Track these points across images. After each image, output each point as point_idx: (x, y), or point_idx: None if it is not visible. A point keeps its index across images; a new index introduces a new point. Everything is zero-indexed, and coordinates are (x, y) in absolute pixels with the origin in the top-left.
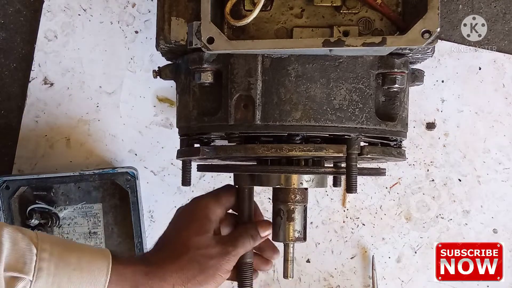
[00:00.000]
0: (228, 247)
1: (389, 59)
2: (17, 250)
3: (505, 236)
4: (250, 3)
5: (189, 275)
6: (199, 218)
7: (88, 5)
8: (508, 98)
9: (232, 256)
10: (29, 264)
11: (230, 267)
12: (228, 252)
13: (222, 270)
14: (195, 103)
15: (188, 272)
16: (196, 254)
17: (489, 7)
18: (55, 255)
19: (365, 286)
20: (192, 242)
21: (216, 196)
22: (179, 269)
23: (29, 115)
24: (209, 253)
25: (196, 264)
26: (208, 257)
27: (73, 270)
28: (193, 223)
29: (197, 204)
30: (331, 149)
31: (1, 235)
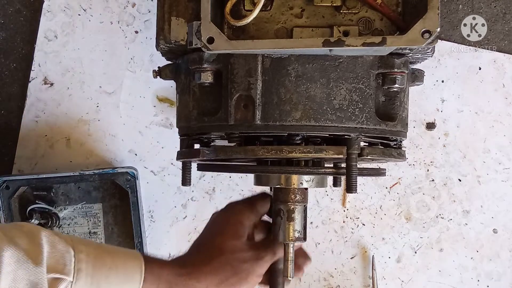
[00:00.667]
0: (261, 252)
1: (389, 59)
2: (56, 252)
3: (505, 236)
4: (250, 3)
5: (222, 277)
6: (233, 223)
7: (88, 5)
8: (508, 98)
9: (264, 261)
10: (69, 265)
11: (262, 271)
12: (261, 257)
13: (255, 274)
14: (195, 103)
15: (221, 274)
16: (230, 258)
17: (489, 7)
18: (91, 256)
19: (365, 286)
20: (227, 246)
21: (251, 203)
22: (213, 271)
23: (29, 115)
24: (242, 257)
25: (229, 267)
26: (241, 260)
27: (110, 270)
28: (228, 227)
29: (232, 209)
30: (331, 150)
31: (39, 238)
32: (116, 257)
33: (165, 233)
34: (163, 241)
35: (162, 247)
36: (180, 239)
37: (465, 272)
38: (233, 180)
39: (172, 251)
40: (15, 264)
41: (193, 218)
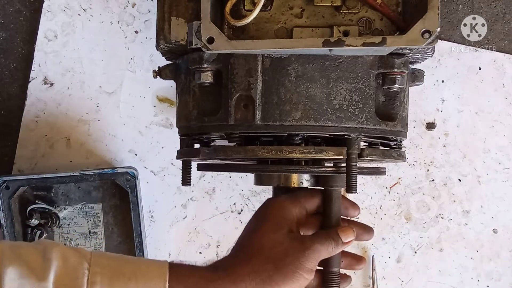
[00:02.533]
0: (306, 242)
1: (389, 59)
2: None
3: (505, 236)
4: (250, 3)
5: (264, 277)
6: (272, 217)
7: (88, 5)
8: (508, 98)
9: (311, 251)
10: (81, 279)
11: (311, 265)
12: (306, 247)
13: (303, 268)
14: (195, 103)
15: (263, 273)
16: (270, 253)
17: (489, 7)
18: (108, 268)
19: (365, 286)
20: (265, 241)
21: (294, 196)
22: (252, 272)
23: (29, 115)
24: (284, 250)
25: (271, 263)
26: (283, 254)
27: (128, 280)
28: (266, 222)
29: (271, 204)
30: (331, 151)
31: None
32: (137, 267)
33: (165, 233)
34: (163, 241)
35: (162, 247)
36: (180, 239)
37: (465, 272)
38: (233, 180)
39: (172, 251)
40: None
41: (193, 218)
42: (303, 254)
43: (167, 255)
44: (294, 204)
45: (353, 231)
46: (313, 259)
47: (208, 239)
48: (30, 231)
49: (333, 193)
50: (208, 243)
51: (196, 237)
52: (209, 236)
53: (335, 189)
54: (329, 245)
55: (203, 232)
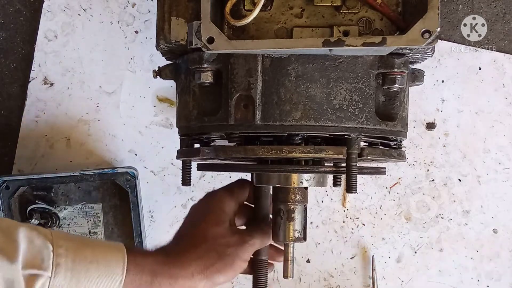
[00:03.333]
0: (245, 237)
1: (389, 59)
2: (34, 248)
3: (505, 236)
4: (250, 3)
5: (207, 263)
6: (214, 210)
7: (88, 5)
8: (508, 98)
9: (249, 245)
10: (47, 261)
11: (247, 256)
12: (245, 241)
13: (240, 259)
14: (195, 103)
15: (207, 260)
16: (214, 243)
17: (489, 7)
18: (70, 250)
19: (365, 286)
20: (210, 232)
21: (230, 190)
22: (198, 258)
23: (29, 115)
24: (226, 242)
25: (214, 252)
26: (225, 245)
27: (90, 263)
28: (209, 215)
29: (211, 197)
30: (331, 151)
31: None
32: (97, 250)
33: (165, 233)
34: (163, 241)
35: None
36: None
37: (465, 272)
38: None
39: None
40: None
41: None
42: (241, 247)
43: None
44: (231, 197)
45: None
46: (250, 251)
47: None
48: None
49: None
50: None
51: None
52: None
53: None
54: (264, 237)
55: None
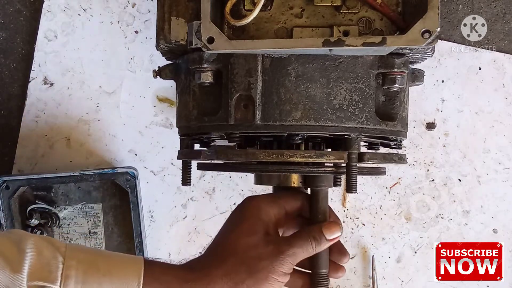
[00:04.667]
0: (282, 246)
1: (389, 59)
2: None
3: (505, 236)
4: (250, 3)
5: (237, 280)
6: (248, 218)
7: (88, 5)
8: (508, 98)
9: (286, 256)
10: (55, 272)
11: (285, 269)
12: (281, 251)
13: (276, 273)
14: (195, 103)
15: (236, 276)
16: (244, 257)
17: (489, 7)
18: (83, 262)
19: (365, 286)
20: (239, 244)
21: (272, 196)
22: (225, 274)
23: (29, 115)
24: (258, 254)
25: (244, 267)
26: (257, 258)
27: (103, 276)
28: (242, 224)
29: (248, 204)
30: (332, 155)
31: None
32: (112, 263)
33: (165, 233)
34: (163, 241)
35: (162, 247)
36: (180, 239)
37: None
38: (233, 180)
39: (172, 251)
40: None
41: (193, 218)
42: (277, 259)
43: (167, 255)
44: (271, 204)
45: (339, 226)
46: (288, 263)
47: (208, 239)
48: (30, 231)
49: (320, 192)
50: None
51: (196, 237)
52: (209, 236)
53: (322, 189)
54: (308, 245)
55: (203, 232)
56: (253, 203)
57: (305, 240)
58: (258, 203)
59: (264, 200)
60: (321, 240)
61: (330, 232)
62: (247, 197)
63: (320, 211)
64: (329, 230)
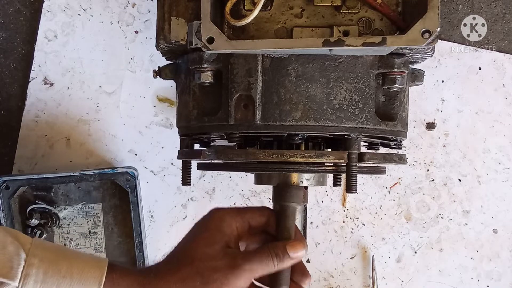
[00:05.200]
0: (239, 260)
1: (389, 59)
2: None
3: (505, 236)
4: (250, 3)
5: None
6: (209, 229)
7: (88, 5)
8: (508, 98)
9: (243, 270)
10: (16, 269)
11: (241, 283)
12: (237, 265)
13: (230, 285)
14: (195, 103)
15: (189, 284)
16: (200, 266)
17: (489, 7)
18: (45, 261)
19: (365, 286)
20: (197, 253)
21: (238, 210)
22: (180, 281)
23: (29, 115)
24: (214, 265)
25: (199, 276)
26: (212, 269)
27: (63, 278)
28: (202, 234)
29: (213, 215)
30: (332, 155)
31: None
32: (75, 264)
33: (165, 233)
34: (163, 241)
35: (162, 247)
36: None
37: (465, 272)
38: (233, 180)
39: None
40: None
41: (193, 218)
42: (232, 272)
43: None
44: (235, 218)
45: (303, 245)
46: (244, 278)
47: None
48: (30, 231)
49: (288, 209)
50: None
51: None
52: None
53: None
54: (270, 261)
55: None
56: (217, 214)
57: (266, 256)
58: (222, 215)
59: (229, 213)
60: (283, 257)
61: (294, 250)
62: (213, 208)
63: (286, 228)
64: (293, 248)
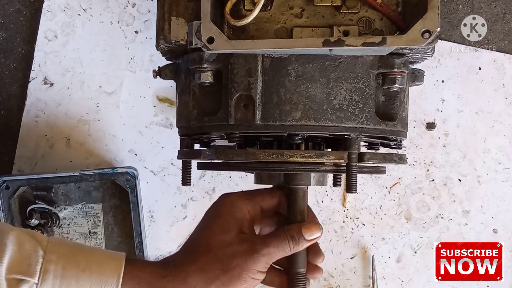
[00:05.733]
0: (257, 245)
1: (389, 59)
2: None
3: (505, 236)
4: (250, 3)
5: (211, 276)
6: (222, 215)
7: (88, 5)
8: (508, 98)
9: (261, 255)
10: (34, 266)
11: (260, 267)
12: (255, 250)
13: (250, 270)
14: (195, 103)
15: (209, 272)
16: (218, 253)
17: (489, 7)
18: (63, 257)
19: (365, 286)
20: (214, 241)
21: (248, 194)
22: (200, 270)
23: (29, 115)
24: (232, 252)
25: (218, 264)
26: (231, 256)
27: (82, 272)
28: (216, 221)
29: (223, 201)
30: (332, 155)
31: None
32: (92, 258)
33: (165, 233)
34: (163, 241)
35: (162, 247)
36: (180, 239)
37: None
38: (233, 180)
39: (172, 251)
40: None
41: (193, 218)
42: (251, 257)
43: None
44: (246, 202)
45: (319, 227)
46: (262, 262)
47: None
48: None
49: (298, 191)
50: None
51: None
52: None
53: (300, 187)
54: (286, 245)
55: None
56: (228, 200)
57: (282, 240)
58: (232, 200)
59: (239, 197)
60: (299, 240)
61: (309, 232)
62: (222, 194)
63: (298, 210)
64: (309, 230)
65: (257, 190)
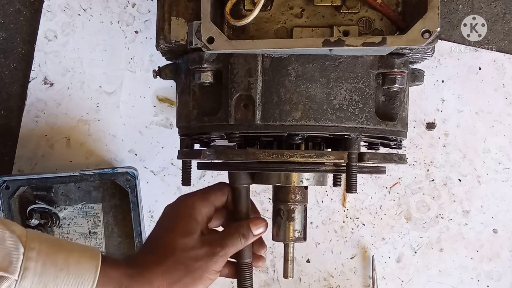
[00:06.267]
0: (215, 248)
1: (389, 59)
2: (3, 249)
3: (505, 236)
4: (250, 3)
5: (175, 278)
6: (184, 217)
7: (88, 5)
8: (508, 98)
9: (219, 257)
10: (15, 263)
11: (218, 267)
12: (215, 253)
13: (210, 272)
14: (195, 103)
15: (174, 274)
16: (182, 256)
17: (489, 7)
18: (42, 254)
19: (365, 286)
20: (178, 244)
21: (204, 194)
22: (165, 272)
23: (29, 115)
24: (195, 255)
25: (182, 266)
26: (194, 259)
27: (60, 270)
28: (179, 223)
29: (183, 203)
30: (332, 155)
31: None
32: (71, 256)
33: None
34: None
35: None
36: None
37: (465, 272)
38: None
39: None
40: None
41: None
42: (211, 259)
43: None
44: (204, 203)
45: (264, 222)
46: (220, 262)
47: None
48: None
49: (242, 190)
50: None
51: None
52: None
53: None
54: (238, 242)
55: None
56: (188, 202)
57: (235, 239)
58: (192, 203)
59: (198, 198)
60: (248, 236)
61: (256, 228)
62: (181, 196)
63: (243, 206)
64: (255, 226)
65: (209, 188)
